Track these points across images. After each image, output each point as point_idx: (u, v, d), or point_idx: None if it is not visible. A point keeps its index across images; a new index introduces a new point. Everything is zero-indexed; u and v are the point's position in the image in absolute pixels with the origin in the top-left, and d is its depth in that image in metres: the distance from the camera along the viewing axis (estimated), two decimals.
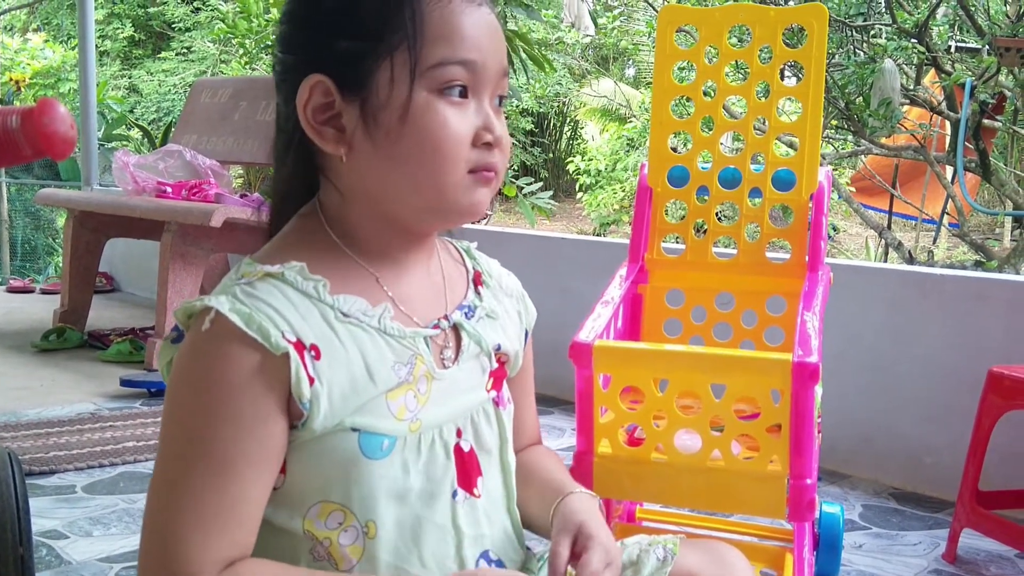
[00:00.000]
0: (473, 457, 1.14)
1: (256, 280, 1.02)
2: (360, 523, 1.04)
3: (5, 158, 2.86)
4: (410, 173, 1.04)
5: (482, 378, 1.17)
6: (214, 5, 14.24)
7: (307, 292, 1.03)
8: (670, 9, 2.13)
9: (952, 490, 2.56)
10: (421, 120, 1.02)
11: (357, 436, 1.03)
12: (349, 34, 1.02)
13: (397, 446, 1.05)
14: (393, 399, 1.05)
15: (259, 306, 0.99)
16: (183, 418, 0.99)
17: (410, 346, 1.08)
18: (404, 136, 1.02)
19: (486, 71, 1.05)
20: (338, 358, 1.02)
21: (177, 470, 0.98)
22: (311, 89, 1.03)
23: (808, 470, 1.65)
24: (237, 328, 0.97)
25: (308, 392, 0.99)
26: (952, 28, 6.91)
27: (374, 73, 1.02)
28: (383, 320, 1.06)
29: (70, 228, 4.95)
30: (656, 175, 2.12)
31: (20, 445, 3.13)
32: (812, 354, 1.61)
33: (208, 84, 5.71)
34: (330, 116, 1.04)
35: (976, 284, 3.05)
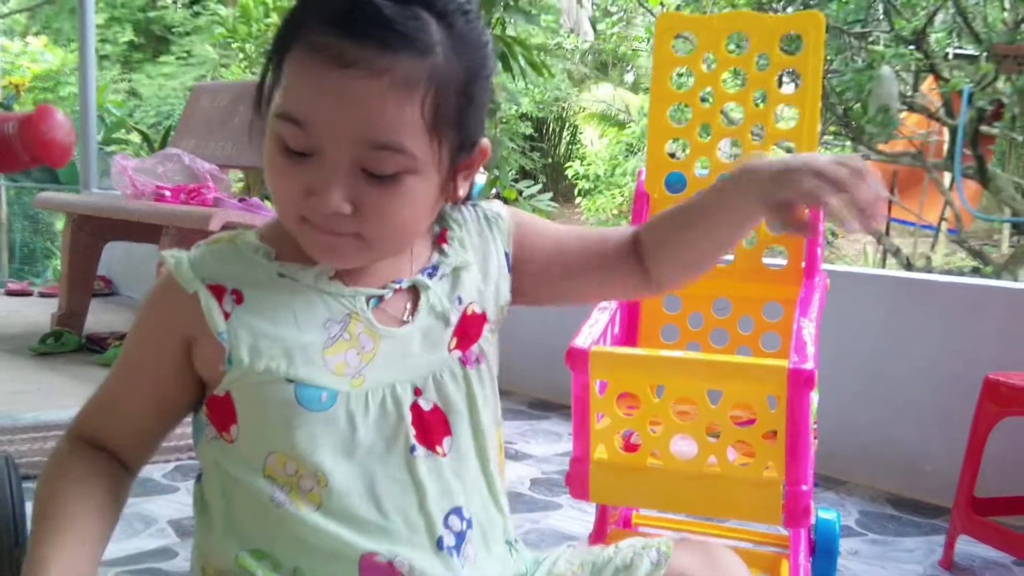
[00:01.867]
0: (437, 416, 1.15)
1: (212, 243, 1.15)
2: (311, 472, 1.08)
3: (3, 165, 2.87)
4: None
5: (443, 337, 1.16)
6: (214, 9, 14.25)
7: (249, 256, 1.13)
8: (668, 16, 2.14)
9: (948, 497, 2.56)
10: (266, 161, 1.07)
11: (293, 387, 1.07)
12: (273, 51, 1.07)
13: (339, 400, 1.09)
14: (331, 355, 1.09)
15: (195, 258, 1.12)
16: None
17: (347, 304, 1.12)
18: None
19: (326, 139, 1.01)
20: (264, 303, 1.10)
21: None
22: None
23: (804, 476, 1.65)
24: (169, 273, 1.11)
25: (223, 324, 1.08)
26: (950, 35, 6.92)
27: (262, 103, 1.08)
28: (319, 279, 1.12)
29: (68, 231, 4.95)
30: (653, 181, 2.12)
31: (17, 449, 3.13)
32: (808, 360, 1.61)
33: (207, 88, 5.72)
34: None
35: (973, 291, 3.06)
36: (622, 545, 1.26)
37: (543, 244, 1.28)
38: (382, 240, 1.08)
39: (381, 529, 1.09)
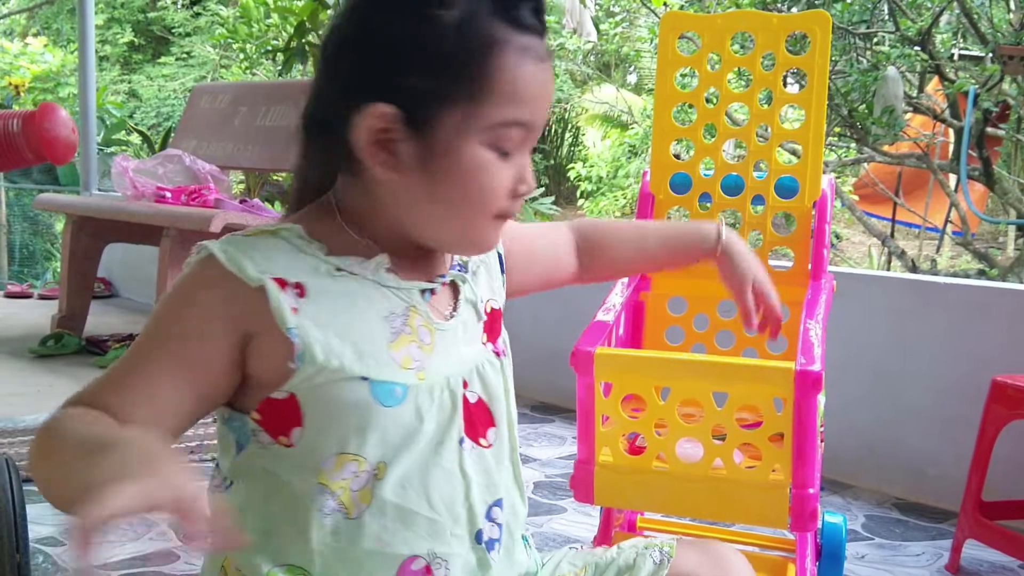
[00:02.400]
0: (482, 408, 1.16)
1: (251, 235, 1.09)
2: (371, 466, 1.06)
3: (6, 162, 2.86)
4: (446, 212, 1.09)
5: (477, 330, 1.20)
6: (214, 10, 14.25)
7: (302, 249, 1.08)
8: (672, 16, 2.12)
9: (955, 500, 2.54)
10: (471, 170, 1.06)
11: (368, 385, 1.05)
12: (423, 74, 1.03)
13: (410, 394, 1.08)
14: (396, 349, 1.08)
15: (246, 249, 1.06)
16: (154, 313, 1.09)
17: (405, 297, 1.11)
18: (451, 180, 1.06)
19: (537, 129, 1.09)
20: (327, 297, 1.06)
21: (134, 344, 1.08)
22: (381, 116, 1.04)
23: (810, 480, 1.63)
24: (219, 262, 1.04)
25: (292, 319, 1.03)
26: (955, 36, 6.90)
27: (440, 116, 1.04)
28: (378, 271, 1.10)
29: (69, 233, 4.94)
30: (658, 182, 2.11)
31: (17, 451, 3.11)
32: (815, 362, 1.60)
33: (208, 89, 5.70)
34: (384, 140, 1.05)
35: (979, 293, 3.04)
36: (625, 546, 1.27)
37: (520, 249, 1.35)
38: None
39: (428, 522, 1.08)
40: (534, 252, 1.40)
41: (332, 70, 1.10)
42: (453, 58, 1.03)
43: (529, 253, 1.38)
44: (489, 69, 1.03)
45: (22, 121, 2.51)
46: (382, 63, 1.05)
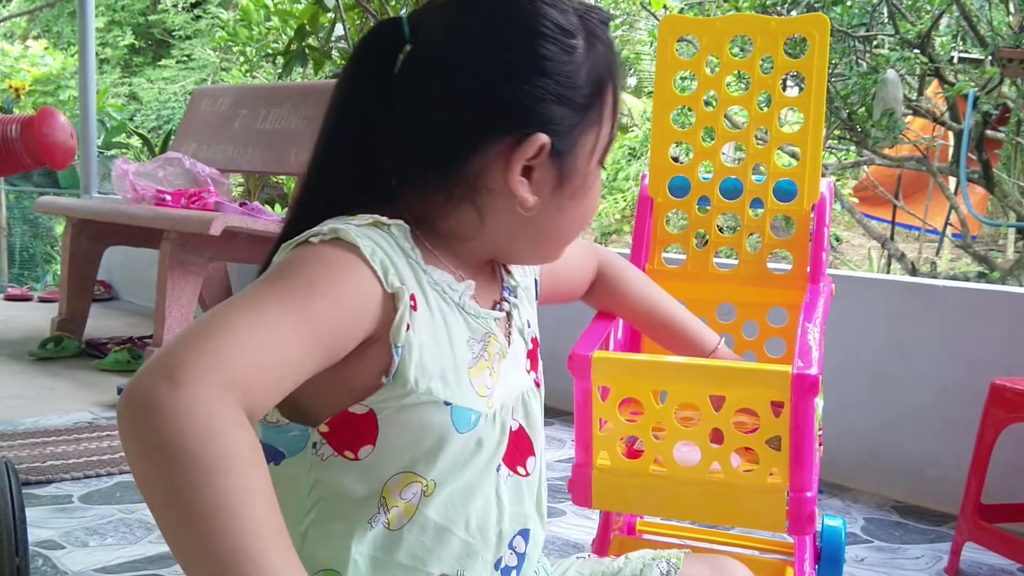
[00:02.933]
0: (523, 436, 1.17)
1: (364, 225, 1.03)
2: (424, 486, 1.05)
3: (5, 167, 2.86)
4: (560, 229, 1.16)
5: (523, 358, 1.21)
6: (215, 13, 14.25)
7: (406, 251, 1.05)
8: (671, 19, 2.12)
9: (955, 503, 2.54)
10: (593, 188, 1.15)
11: (450, 410, 1.04)
12: (571, 103, 1.08)
13: (481, 422, 1.08)
14: (475, 376, 1.08)
15: (379, 244, 1.02)
16: (283, 270, 0.97)
17: (484, 324, 1.12)
18: (578, 201, 1.13)
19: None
20: (427, 317, 1.04)
21: (254, 292, 0.93)
22: (533, 146, 1.06)
23: (808, 483, 1.63)
24: (361, 252, 0.99)
25: (403, 336, 1.00)
26: (955, 39, 6.90)
27: (579, 142, 1.10)
28: (463, 297, 1.10)
29: (69, 236, 4.95)
30: (657, 185, 2.10)
31: (17, 454, 3.11)
32: (812, 366, 1.59)
33: (208, 92, 5.71)
34: (527, 168, 1.08)
35: (978, 296, 3.04)
36: (632, 556, 1.27)
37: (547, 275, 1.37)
38: None
39: (463, 544, 1.08)
40: (558, 277, 1.42)
41: (464, 101, 1.07)
42: (589, 85, 1.09)
43: (554, 278, 1.40)
44: (610, 95, 1.12)
45: (21, 126, 2.51)
46: (536, 94, 1.06)
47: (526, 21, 1.06)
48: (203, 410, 0.80)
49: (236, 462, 0.80)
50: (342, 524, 1.03)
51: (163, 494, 0.79)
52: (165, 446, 0.79)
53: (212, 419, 0.80)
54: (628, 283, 1.62)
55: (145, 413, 0.80)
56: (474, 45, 1.07)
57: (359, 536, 1.03)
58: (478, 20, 1.07)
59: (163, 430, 0.79)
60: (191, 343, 0.85)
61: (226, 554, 0.77)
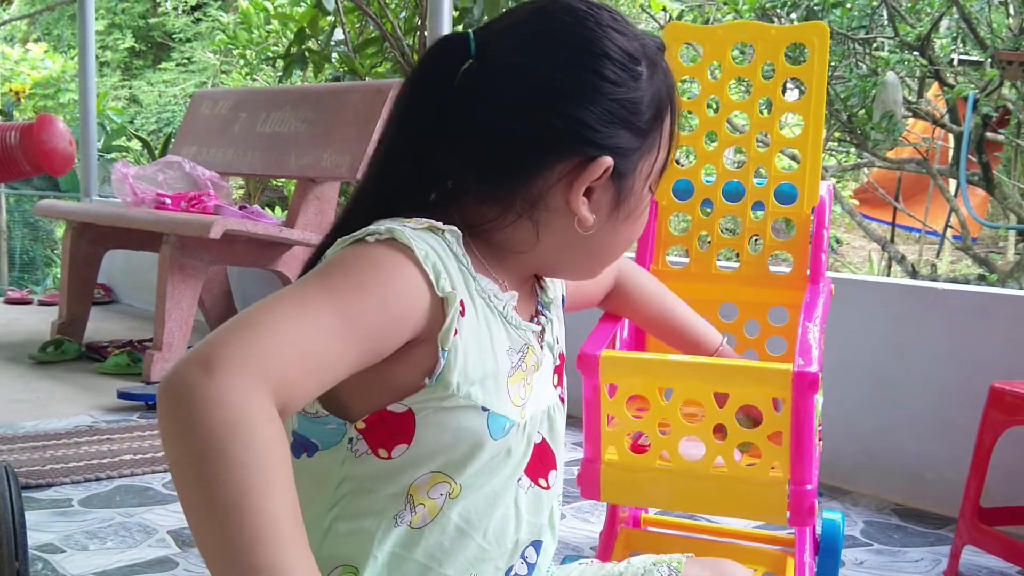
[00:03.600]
0: (546, 449, 1.18)
1: (421, 229, 1.04)
2: (452, 486, 1.06)
3: (4, 174, 2.86)
4: (611, 248, 1.18)
5: (551, 371, 1.22)
6: (215, 16, 14.27)
7: (458, 256, 1.06)
8: (674, 27, 2.14)
9: (954, 506, 2.54)
10: (644, 212, 1.18)
11: (487, 416, 1.05)
12: (632, 129, 1.10)
13: (514, 431, 1.09)
14: (512, 384, 1.10)
15: (434, 247, 1.03)
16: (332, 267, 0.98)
17: (523, 336, 1.14)
18: (630, 222, 1.16)
19: None
20: (474, 323, 1.05)
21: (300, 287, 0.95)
22: (599, 168, 1.09)
23: (808, 476, 1.67)
24: (415, 255, 1.00)
25: (451, 340, 1.01)
26: (955, 41, 6.91)
27: (638, 165, 1.12)
28: (507, 307, 1.12)
29: (69, 239, 4.95)
30: (661, 188, 2.11)
31: (16, 458, 3.12)
32: (812, 363, 1.64)
33: (208, 95, 5.71)
34: (588, 189, 1.11)
35: (978, 299, 3.04)
36: (634, 561, 1.29)
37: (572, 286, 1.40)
38: None
39: (479, 550, 1.09)
40: (583, 289, 1.48)
41: (532, 120, 1.08)
42: (650, 111, 1.12)
43: (579, 290, 1.45)
44: (668, 122, 1.15)
45: (20, 133, 2.52)
46: (596, 117, 1.08)
47: (594, 46, 1.09)
48: (233, 400, 0.82)
49: (258, 455, 0.81)
50: (368, 520, 1.04)
51: (189, 478, 0.82)
52: (194, 433, 0.82)
53: (241, 409, 0.82)
54: (642, 289, 1.66)
55: (178, 399, 0.83)
56: (544, 66, 1.08)
57: (383, 533, 1.04)
58: (548, 42, 1.09)
59: (193, 417, 0.82)
60: (231, 333, 0.87)
61: (240, 544, 0.79)
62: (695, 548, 1.94)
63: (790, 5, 6.12)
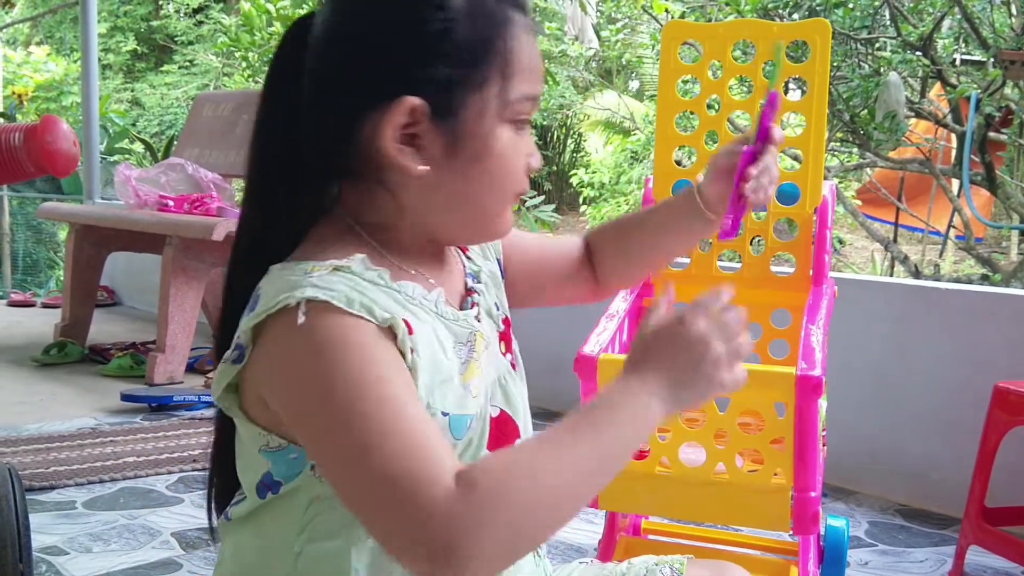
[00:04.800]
0: (505, 421, 1.15)
1: (326, 273, 1.00)
2: None
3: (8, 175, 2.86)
4: (475, 200, 1.09)
5: (496, 341, 1.18)
6: (217, 18, 14.28)
7: (373, 280, 1.02)
8: (674, 25, 2.13)
9: (959, 507, 2.54)
10: (499, 150, 1.07)
11: (448, 420, 1.03)
12: (447, 61, 1.03)
13: (474, 423, 1.07)
14: (468, 380, 1.07)
15: (343, 290, 0.98)
16: (326, 387, 0.94)
17: (465, 325, 1.10)
18: (482, 164, 1.06)
19: (539, 101, 1.12)
20: (421, 334, 1.02)
21: (354, 434, 0.92)
22: (402, 111, 1.02)
23: (812, 483, 1.64)
24: (340, 308, 0.96)
25: (410, 359, 0.99)
26: (957, 41, 6.89)
27: (466, 102, 1.04)
28: (439, 304, 1.09)
29: (72, 242, 4.95)
30: (661, 189, 2.11)
31: (20, 460, 3.12)
32: (816, 367, 1.61)
33: (210, 97, 5.71)
34: (411, 135, 1.04)
35: (982, 299, 3.04)
36: (635, 562, 1.27)
37: (520, 258, 1.32)
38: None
39: None
40: (543, 260, 1.36)
41: (336, 78, 1.05)
42: (470, 43, 1.04)
43: (536, 262, 1.35)
44: (504, 48, 1.05)
45: (24, 135, 2.51)
46: (399, 58, 1.03)
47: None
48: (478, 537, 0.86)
49: (538, 456, 0.94)
50: (339, 539, 1.02)
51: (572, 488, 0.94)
52: (513, 536, 0.88)
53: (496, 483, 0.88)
54: (610, 222, 1.47)
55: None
56: (346, 16, 1.06)
57: (358, 548, 1.02)
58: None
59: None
60: (397, 508, 0.88)
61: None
62: (696, 556, 1.93)
63: (792, 5, 6.11)
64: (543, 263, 1.36)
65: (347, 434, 0.92)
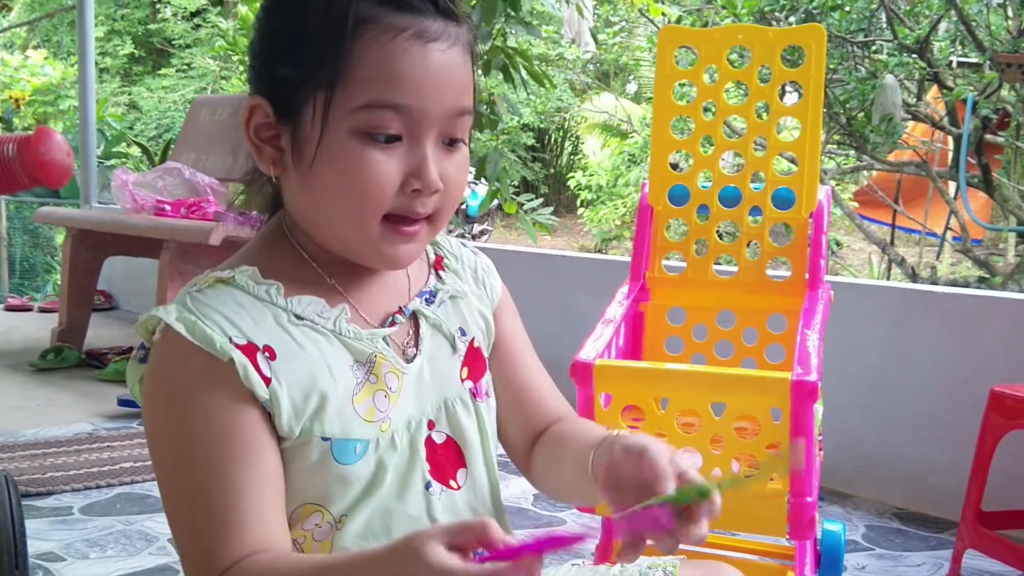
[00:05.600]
0: (450, 448, 1.12)
1: (206, 287, 1.02)
2: (334, 518, 1.03)
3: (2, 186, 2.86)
4: (327, 209, 1.03)
5: (453, 365, 1.14)
6: (214, 22, 14.28)
7: (259, 296, 1.03)
8: (670, 30, 2.13)
9: (955, 510, 2.54)
10: (337, 160, 0.99)
11: (329, 444, 1.01)
12: (288, 61, 1.00)
13: (371, 449, 1.04)
14: (360, 403, 1.04)
15: (206, 312, 0.99)
16: (159, 435, 1.00)
17: (367, 346, 1.06)
18: (321, 173, 1.00)
19: (425, 115, 1.00)
20: (296, 357, 1.01)
21: (170, 485, 1.00)
22: (251, 109, 1.03)
23: (808, 488, 1.65)
24: (183, 338, 0.97)
25: (265, 392, 0.98)
26: (953, 43, 6.91)
27: (304, 104, 1.00)
28: (338, 323, 1.05)
29: (69, 246, 4.95)
30: (657, 194, 2.11)
31: (17, 466, 3.11)
32: (811, 372, 1.61)
33: (207, 101, 5.71)
34: (271, 136, 1.03)
35: (978, 302, 3.04)
36: (629, 566, 1.25)
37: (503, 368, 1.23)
38: (446, 216, 1.07)
39: None
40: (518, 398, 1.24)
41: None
42: (313, 41, 0.99)
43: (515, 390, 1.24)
44: (349, 49, 0.97)
45: (17, 146, 2.52)
46: (258, 58, 1.04)
47: None
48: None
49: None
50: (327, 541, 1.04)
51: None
52: None
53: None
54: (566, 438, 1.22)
55: None
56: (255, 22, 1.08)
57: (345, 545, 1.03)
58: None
59: None
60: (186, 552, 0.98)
61: None
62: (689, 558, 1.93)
63: (788, 8, 6.12)
64: (518, 398, 1.24)
65: (163, 480, 1.00)
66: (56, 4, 15.53)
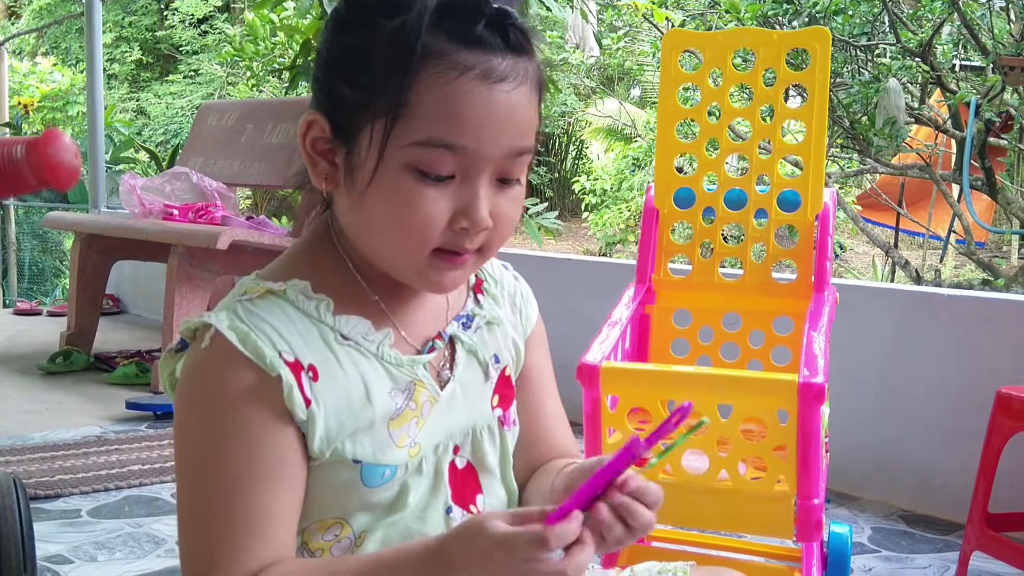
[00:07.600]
0: (470, 474, 1.12)
1: (257, 297, 1.02)
2: (354, 534, 1.04)
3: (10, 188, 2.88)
4: (376, 236, 1.02)
5: (484, 392, 1.14)
6: (221, 28, 14.32)
7: (308, 312, 1.03)
8: (675, 34, 2.14)
9: (962, 512, 2.54)
10: (388, 192, 0.98)
11: (359, 468, 1.02)
12: (350, 83, 0.99)
13: (399, 473, 1.05)
14: (396, 428, 1.04)
15: (257, 323, 0.99)
16: (190, 439, 1.01)
17: (408, 373, 1.06)
18: (372, 201, 1.00)
19: (480, 156, 0.98)
20: (337, 379, 1.01)
21: (192, 491, 1.00)
22: (309, 124, 1.02)
23: (815, 490, 1.65)
24: (233, 347, 0.97)
25: (303, 413, 0.98)
26: (956, 47, 6.90)
27: (361, 129, 0.99)
28: (382, 347, 1.05)
29: (77, 251, 4.97)
30: (662, 197, 2.12)
31: (26, 469, 3.12)
32: (818, 374, 1.61)
33: (215, 107, 5.73)
34: (326, 150, 1.02)
35: (983, 304, 3.04)
36: (638, 569, 1.25)
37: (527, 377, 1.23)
38: (494, 249, 1.05)
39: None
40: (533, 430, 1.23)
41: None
42: (377, 68, 0.96)
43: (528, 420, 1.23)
44: (412, 82, 0.95)
45: (26, 148, 2.53)
46: (322, 72, 1.03)
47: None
48: None
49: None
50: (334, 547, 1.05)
51: None
52: None
53: None
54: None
55: None
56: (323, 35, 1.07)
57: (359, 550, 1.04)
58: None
59: None
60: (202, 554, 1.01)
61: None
62: (700, 562, 1.93)
63: (792, 12, 6.12)
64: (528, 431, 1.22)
65: (184, 484, 1.02)
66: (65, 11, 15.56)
